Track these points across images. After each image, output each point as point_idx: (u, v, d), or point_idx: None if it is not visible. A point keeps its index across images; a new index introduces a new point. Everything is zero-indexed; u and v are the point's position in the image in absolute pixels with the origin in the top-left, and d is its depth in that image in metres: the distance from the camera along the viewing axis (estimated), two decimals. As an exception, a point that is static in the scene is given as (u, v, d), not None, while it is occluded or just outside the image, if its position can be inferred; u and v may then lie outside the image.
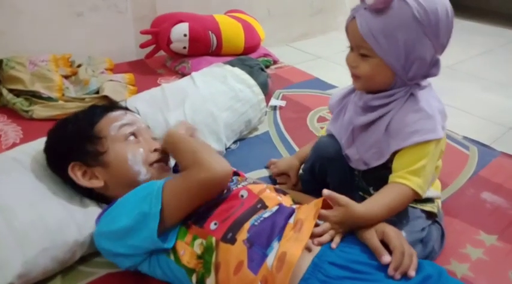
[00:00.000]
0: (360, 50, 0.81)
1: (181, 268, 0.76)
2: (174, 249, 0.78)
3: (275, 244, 0.72)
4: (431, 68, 0.82)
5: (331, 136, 0.98)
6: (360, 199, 0.81)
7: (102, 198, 0.92)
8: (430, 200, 0.92)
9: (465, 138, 1.48)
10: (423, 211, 0.90)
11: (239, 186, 0.85)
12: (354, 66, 0.84)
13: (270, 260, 0.70)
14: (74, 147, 0.89)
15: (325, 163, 0.97)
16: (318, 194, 0.95)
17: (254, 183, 0.90)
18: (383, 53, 0.78)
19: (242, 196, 0.82)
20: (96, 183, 0.88)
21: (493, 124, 1.77)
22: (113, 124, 0.91)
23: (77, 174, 0.88)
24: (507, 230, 1.03)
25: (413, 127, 0.80)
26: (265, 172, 1.22)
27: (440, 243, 0.92)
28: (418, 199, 0.85)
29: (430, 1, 0.75)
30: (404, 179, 0.80)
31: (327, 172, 0.98)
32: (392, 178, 0.83)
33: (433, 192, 0.93)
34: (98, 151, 0.88)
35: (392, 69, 0.80)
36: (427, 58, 0.79)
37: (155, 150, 0.92)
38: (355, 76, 0.86)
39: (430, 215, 0.91)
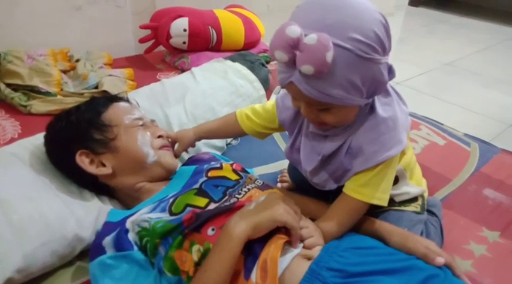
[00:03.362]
0: (316, 106, 0.71)
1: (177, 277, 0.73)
2: (171, 262, 0.73)
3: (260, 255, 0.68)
4: (390, 77, 0.72)
5: None
6: None
7: (104, 189, 0.93)
8: (413, 199, 0.89)
9: (466, 134, 1.47)
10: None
11: (246, 189, 0.83)
12: (317, 120, 0.74)
13: (254, 273, 0.66)
14: (80, 135, 0.89)
15: (299, 176, 0.91)
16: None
17: (261, 186, 0.87)
18: (344, 102, 0.67)
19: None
20: (105, 170, 0.89)
21: (493, 121, 1.77)
22: (127, 116, 0.93)
23: (84, 162, 0.88)
24: (509, 227, 1.03)
25: (375, 145, 0.74)
26: (266, 169, 1.21)
27: (440, 237, 0.91)
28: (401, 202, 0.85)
29: (364, 29, 0.63)
30: (358, 193, 0.77)
31: (304, 185, 0.93)
32: (346, 189, 0.78)
33: (415, 189, 0.89)
34: (108, 137, 0.89)
35: (357, 106, 0.72)
36: (384, 76, 0.69)
37: (159, 137, 0.96)
38: (320, 124, 0.75)
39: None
